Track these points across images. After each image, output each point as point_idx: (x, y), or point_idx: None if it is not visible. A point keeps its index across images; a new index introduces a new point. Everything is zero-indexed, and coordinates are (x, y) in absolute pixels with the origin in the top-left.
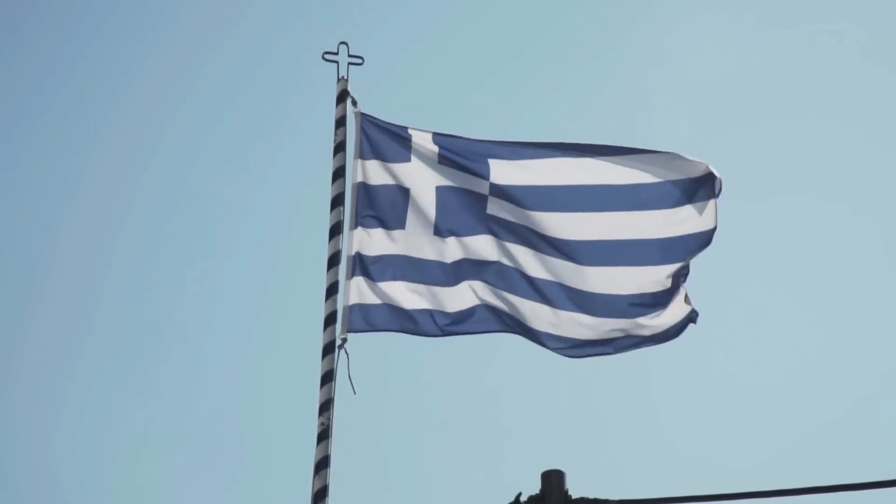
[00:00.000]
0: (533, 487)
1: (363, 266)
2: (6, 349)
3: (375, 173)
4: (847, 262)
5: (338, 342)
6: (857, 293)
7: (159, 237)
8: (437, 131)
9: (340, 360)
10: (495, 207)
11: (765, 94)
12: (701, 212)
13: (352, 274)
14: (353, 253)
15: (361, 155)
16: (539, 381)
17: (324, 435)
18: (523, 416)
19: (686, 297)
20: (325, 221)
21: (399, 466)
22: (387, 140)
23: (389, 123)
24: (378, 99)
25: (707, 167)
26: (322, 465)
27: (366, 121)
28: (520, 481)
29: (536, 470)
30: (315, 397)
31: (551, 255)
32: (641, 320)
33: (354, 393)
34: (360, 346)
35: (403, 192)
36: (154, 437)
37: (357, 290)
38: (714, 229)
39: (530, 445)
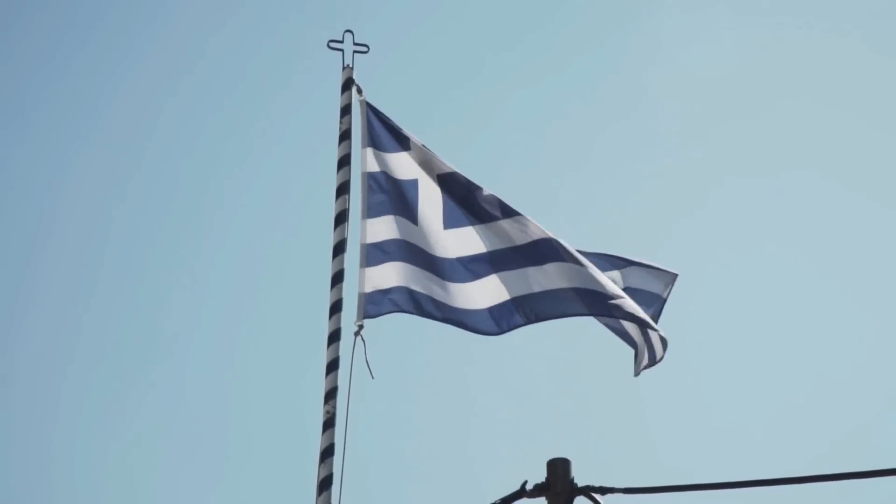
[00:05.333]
0: (538, 476)
1: (377, 255)
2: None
3: (384, 163)
4: (852, 258)
5: (354, 329)
6: (863, 291)
7: (162, 225)
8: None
9: (357, 346)
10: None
11: (765, 88)
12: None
13: (366, 262)
14: (367, 242)
15: (369, 144)
16: (545, 371)
17: (329, 423)
18: (529, 405)
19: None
20: (330, 209)
21: (405, 455)
22: (389, 132)
23: (391, 120)
24: (383, 87)
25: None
26: (327, 453)
27: (371, 111)
28: (525, 470)
29: (542, 458)
30: (321, 385)
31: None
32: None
33: (373, 377)
34: (367, 334)
35: (412, 185)
36: (159, 423)
37: (371, 278)
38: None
39: (536, 435)
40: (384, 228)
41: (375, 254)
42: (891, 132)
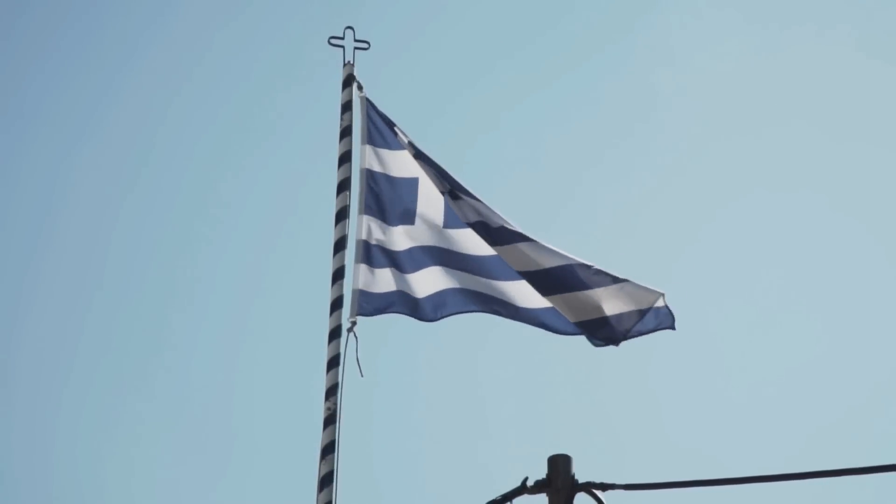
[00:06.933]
0: (539, 472)
1: (372, 252)
2: (3, 345)
3: (382, 160)
4: (854, 262)
5: (346, 325)
6: (864, 295)
7: (164, 221)
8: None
9: (349, 343)
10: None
11: (772, 93)
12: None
13: (361, 258)
14: (362, 238)
15: (368, 141)
16: (546, 367)
17: (330, 420)
18: (530, 401)
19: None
20: (331, 206)
21: (407, 451)
22: (390, 129)
23: (391, 120)
24: (384, 84)
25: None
26: (328, 449)
27: (371, 107)
28: (526, 466)
29: (543, 455)
30: (321, 382)
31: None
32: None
33: (362, 376)
34: (365, 331)
35: (413, 183)
36: (160, 420)
37: (366, 275)
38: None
39: (537, 431)
40: (383, 231)
41: (372, 254)
42: None
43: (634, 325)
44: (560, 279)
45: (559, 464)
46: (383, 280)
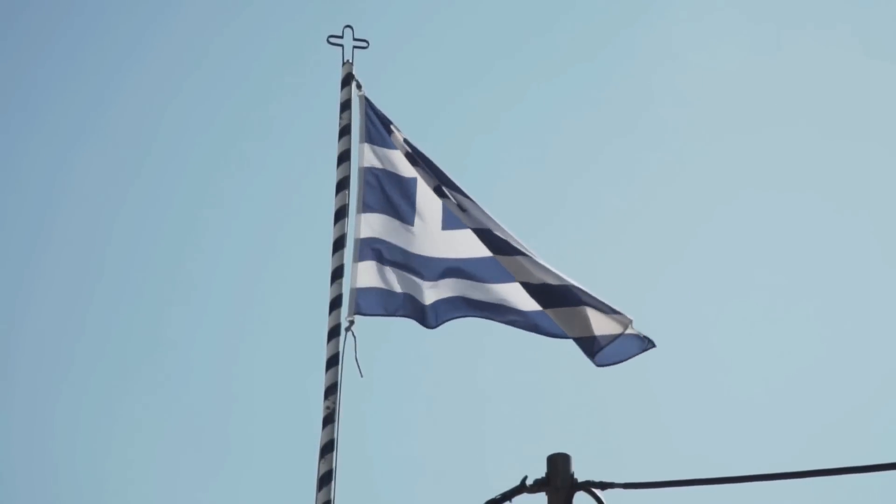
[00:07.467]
0: (539, 471)
1: (371, 250)
2: (2, 344)
3: (383, 159)
4: (853, 262)
5: (345, 324)
6: (864, 296)
7: (163, 220)
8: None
9: (347, 342)
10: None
11: (772, 93)
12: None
13: (360, 257)
14: (361, 237)
15: (367, 140)
16: (545, 366)
17: (329, 419)
18: (530, 401)
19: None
20: (330, 205)
21: (406, 450)
22: (384, 128)
23: (388, 120)
24: (383, 83)
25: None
26: (327, 448)
27: (370, 106)
28: (526, 465)
29: (542, 454)
30: (320, 381)
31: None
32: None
33: (361, 376)
34: (365, 330)
35: (411, 183)
36: (160, 419)
37: (365, 274)
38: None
39: (536, 430)
40: (382, 229)
41: (371, 252)
42: None
43: (607, 347)
44: (554, 295)
45: (558, 463)
46: (389, 280)
